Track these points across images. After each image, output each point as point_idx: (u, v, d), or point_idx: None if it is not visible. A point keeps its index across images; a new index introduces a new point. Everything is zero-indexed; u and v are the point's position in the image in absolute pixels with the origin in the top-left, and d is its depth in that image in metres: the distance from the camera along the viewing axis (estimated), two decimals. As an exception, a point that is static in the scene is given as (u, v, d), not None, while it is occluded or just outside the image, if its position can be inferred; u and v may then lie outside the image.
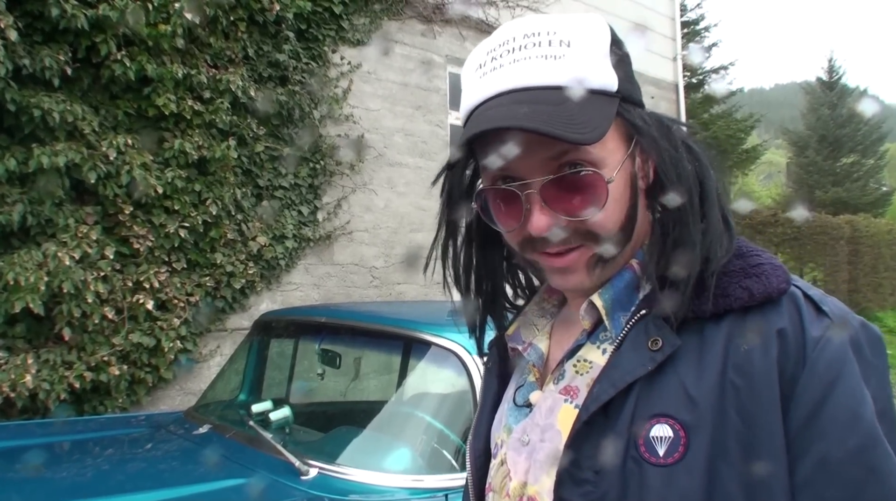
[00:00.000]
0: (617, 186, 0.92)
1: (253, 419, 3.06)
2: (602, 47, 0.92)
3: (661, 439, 0.85)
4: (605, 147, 0.91)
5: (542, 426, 0.99)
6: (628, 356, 0.90)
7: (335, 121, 6.69)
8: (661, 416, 0.86)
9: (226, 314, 5.88)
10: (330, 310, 3.87)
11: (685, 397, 0.85)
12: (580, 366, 0.98)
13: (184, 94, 5.45)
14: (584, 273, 0.96)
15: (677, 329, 0.89)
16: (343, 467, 2.63)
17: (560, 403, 0.98)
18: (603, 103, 0.90)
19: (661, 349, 0.88)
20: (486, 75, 0.94)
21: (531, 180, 0.91)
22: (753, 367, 0.84)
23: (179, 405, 5.23)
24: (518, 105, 0.89)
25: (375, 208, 7.05)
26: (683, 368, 0.87)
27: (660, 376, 0.88)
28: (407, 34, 7.47)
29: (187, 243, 5.48)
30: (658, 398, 0.87)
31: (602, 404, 0.89)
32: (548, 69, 0.90)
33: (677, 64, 10.98)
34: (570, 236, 0.93)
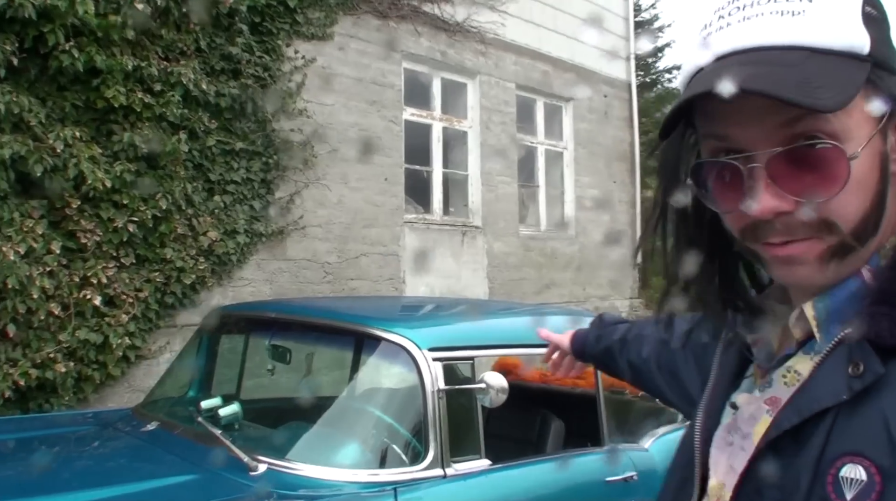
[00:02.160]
0: (861, 166, 0.77)
1: (202, 416, 3.03)
2: (852, 2, 0.78)
3: (852, 481, 0.73)
4: (849, 118, 0.76)
5: (742, 433, 0.88)
6: (823, 380, 0.79)
7: (289, 116, 6.65)
8: (855, 455, 0.73)
9: (176, 309, 5.81)
10: (281, 305, 3.85)
11: (887, 437, 0.72)
12: (789, 377, 0.85)
13: (134, 86, 5.37)
14: (816, 266, 0.80)
15: (891, 357, 0.74)
16: (292, 462, 2.62)
17: (762, 413, 0.86)
18: (850, 67, 0.76)
19: (861, 375, 0.75)
20: (710, 35, 0.82)
21: (756, 153, 0.77)
22: None
23: (128, 402, 5.15)
24: (742, 67, 0.76)
25: (329, 204, 7.02)
26: (889, 403, 0.73)
27: (861, 407, 0.74)
28: (362, 29, 7.44)
29: (136, 237, 5.40)
30: (855, 433, 0.74)
31: (784, 431, 0.79)
32: (783, 26, 0.77)
33: (630, 63, 11.11)
34: (800, 224, 0.78)
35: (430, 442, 2.62)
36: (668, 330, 1.06)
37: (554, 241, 9.72)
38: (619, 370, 1.53)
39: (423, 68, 8.23)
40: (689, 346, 1.20)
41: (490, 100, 8.84)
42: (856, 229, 0.78)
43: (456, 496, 2.61)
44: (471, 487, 2.66)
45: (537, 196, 9.85)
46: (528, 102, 9.60)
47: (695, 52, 0.83)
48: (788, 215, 0.77)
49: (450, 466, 2.64)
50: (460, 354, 2.85)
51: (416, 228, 7.96)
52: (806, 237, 0.78)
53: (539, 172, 9.84)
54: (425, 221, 8.15)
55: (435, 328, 3.18)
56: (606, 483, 3.11)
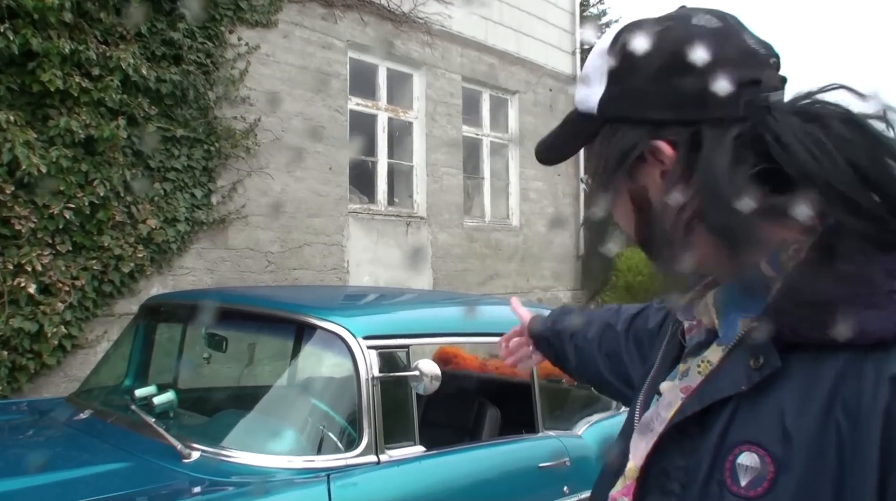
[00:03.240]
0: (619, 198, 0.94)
1: (136, 404, 3.02)
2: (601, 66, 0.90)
3: (747, 469, 0.78)
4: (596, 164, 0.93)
5: (661, 419, 0.93)
6: (727, 371, 0.84)
7: (231, 103, 6.58)
8: (751, 443, 0.79)
9: (114, 298, 5.73)
10: (218, 294, 3.83)
11: (781, 428, 0.77)
12: (703, 367, 0.91)
13: (71, 70, 5.26)
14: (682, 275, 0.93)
15: (789, 351, 0.79)
16: (226, 449, 2.63)
17: (678, 400, 0.91)
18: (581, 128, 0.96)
19: (760, 369, 0.80)
20: None
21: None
22: (860, 413, 0.73)
23: (64, 392, 5.06)
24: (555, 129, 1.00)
25: (272, 192, 6.98)
26: (787, 395, 0.78)
27: (760, 399, 0.80)
28: (307, 17, 7.40)
29: (73, 224, 5.31)
30: (752, 423, 0.80)
31: (687, 417, 0.85)
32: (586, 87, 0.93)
33: (575, 58, 11.22)
34: None
35: (365, 429, 2.65)
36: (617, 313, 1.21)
37: (498, 232, 9.80)
38: (566, 356, 1.53)
39: (369, 58, 8.22)
40: (633, 330, 1.33)
41: (436, 91, 8.86)
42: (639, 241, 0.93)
43: (389, 481, 2.65)
44: (404, 473, 2.70)
45: (482, 188, 9.92)
46: (473, 95, 9.65)
47: None
48: None
49: (384, 452, 2.67)
50: (395, 342, 2.88)
51: (361, 218, 7.96)
52: None
53: (484, 164, 9.90)
54: (370, 211, 8.15)
55: (370, 316, 3.20)
56: (540, 468, 3.18)
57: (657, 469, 0.88)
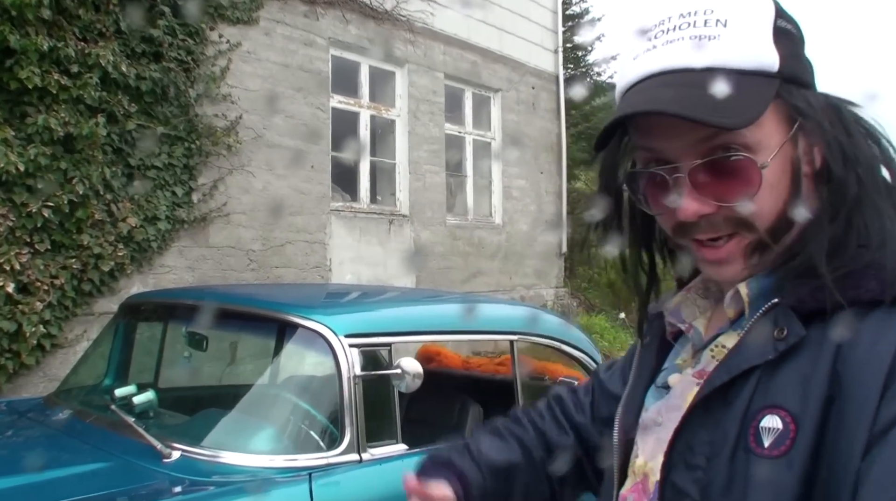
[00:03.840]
0: (773, 173, 0.87)
1: (116, 404, 2.99)
2: (763, 23, 0.88)
3: (770, 430, 0.82)
4: (761, 130, 0.86)
5: (675, 408, 0.95)
6: (751, 343, 0.87)
7: (212, 100, 6.54)
8: (774, 407, 0.83)
9: (93, 297, 5.68)
10: (199, 292, 3.81)
11: (800, 389, 0.82)
12: (716, 351, 0.95)
13: (49, 67, 5.22)
14: (741, 264, 0.91)
15: (808, 321, 0.84)
16: (207, 449, 2.60)
17: (692, 386, 0.94)
18: (759, 85, 0.86)
19: (784, 338, 0.84)
20: (638, 57, 0.92)
21: (680, 164, 0.88)
22: (857, 365, 0.79)
23: (43, 391, 5.02)
24: (664, 88, 0.87)
25: (253, 190, 6.94)
26: (805, 360, 0.83)
27: (783, 366, 0.84)
28: (289, 14, 7.36)
29: (52, 223, 5.26)
30: (775, 388, 0.84)
31: (716, 388, 0.87)
32: (699, 50, 0.86)
33: (558, 56, 11.24)
34: (721, 223, 0.89)
35: (347, 428, 2.63)
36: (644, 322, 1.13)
37: (481, 230, 9.80)
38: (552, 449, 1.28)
39: (351, 56, 8.19)
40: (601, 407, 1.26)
41: (418, 89, 8.85)
42: (771, 228, 0.88)
43: (371, 480, 2.64)
44: (387, 471, 2.69)
45: (465, 186, 9.92)
46: (456, 93, 9.64)
47: (625, 69, 0.94)
48: (710, 216, 0.89)
49: (366, 451, 2.66)
50: (377, 340, 2.86)
51: (343, 216, 7.93)
52: (728, 234, 0.90)
53: (467, 162, 9.90)
54: (352, 209, 8.13)
55: (352, 314, 3.19)
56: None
57: (682, 445, 0.89)
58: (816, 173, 0.90)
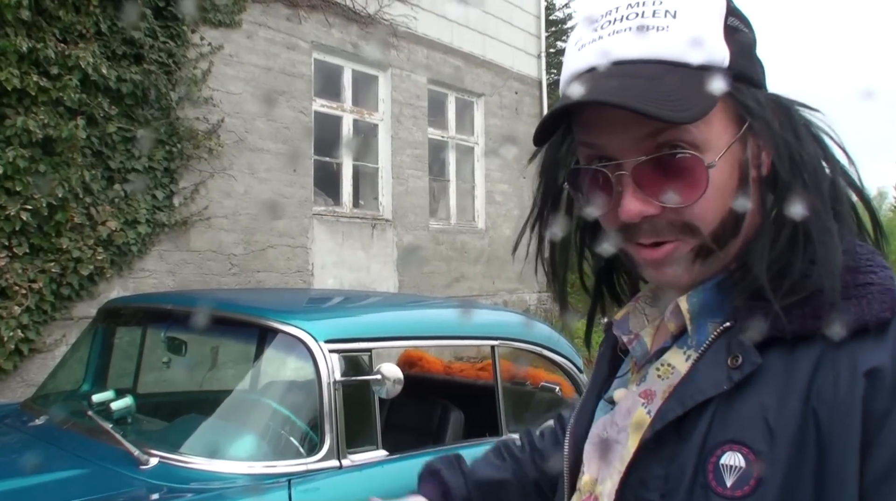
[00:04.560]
0: (720, 174, 0.82)
1: (93, 410, 2.96)
2: (714, 17, 0.83)
3: (732, 468, 0.77)
4: (709, 129, 0.82)
5: (619, 427, 0.92)
6: (704, 372, 0.82)
7: (194, 103, 6.51)
8: (734, 442, 0.78)
9: (73, 301, 5.63)
10: (178, 297, 3.78)
11: (763, 424, 0.77)
12: (662, 370, 0.91)
13: (28, 68, 5.18)
14: (682, 267, 0.86)
15: (765, 347, 0.79)
16: (185, 455, 2.58)
17: (637, 406, 0.91)
18: (709, 80, 0.80)
19: (739, 366, 0.79)
20: (584, 47, 0.86)
21: (624, 161, 0.83)
22: (837, 400, 0.74)
23: (20, 397, 4.96)
24: (609, 79, 0.81)
25: (235, 194, 6.91)
26: (766, 391, 0.78)
27: (739, 397, 0.79)
28: (271, 17, 7.34)
29: (30, 226, 5.21)
30: (734, 422, 0.79)
31: (668, 422, 0.82)
32: (647, 41, 0.82)
33: (541, 61, 11.27)
34: (665, 226, 0.84)
35: (326, 434, 2.62)
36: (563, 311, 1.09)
37: (464, 235, 9.81)
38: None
39: (334, 59, 8.18)
40: None
41: (401, 93, 8.84)
42: (715, 232, 0.84)
43: (351, 486, 2.62)
44: (367, 477, 2.68)
45: (448, 190, 9.91)
46: (439, 97, 9.65)
47: (570, 60, 0.89)
48: (654, 217, 0.83)
49: (346, 457, 2.65)
50: (358, 345, 2.85)
51: (326, 220, 7.91)
52: (671, 239, 0.84)
53: (450, 166, 9.90)
54: (335, 213, 8.11)
55: (332, 319, 3.17)
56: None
57: (634, 479, 0.85)
58: (764, 180, 0.86)
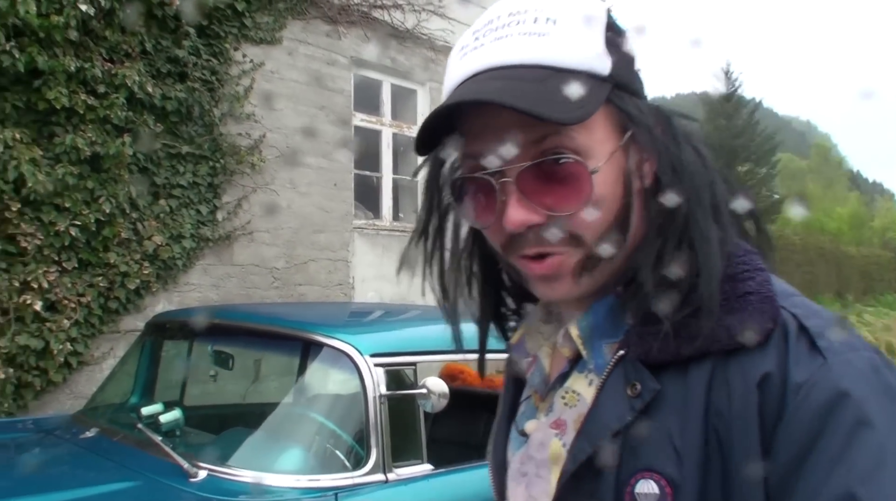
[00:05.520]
0: (604, 181, 0.81)
1: (142, 422, 3.01)
2: (595, 27, 0.83)
3: (647, 496, 0.77)
4: (591, 135, 0.81)
5: (536, 461, 0.92)
6: (606, 405, 0.82)
7: (236, 119, 6.60)
8: (646, 470, 0.78)
9: (120, 315, 5.73)
10: (225, 311, 3.83)
11: (671, 449, 0.77)
12: (568, 398, 0.90)
13: (77, 87, 5.29)
14: (571, 281, 0.85)
15: (660, 371, 0.80)
16: (233, 468, 2.62)
17: (551, 437, 0.90)
18: (590, 85, 0.80)
19: (639, 395, 0.79)
20: (466, 55, 0.86)
21: (507, 168, 0.81)
22: (733, 415, 0.75)
23: (70, 409, 5.06)
24: (492, 80, 0.80)
25: (277, 209, 6.98)
26: (668, 416, 0.78)
27: (644, 424, 0.79)
28: (311, 34, 7.42)
29: (79, 241, 5.31)
30: (643, 450, 0.79)
31: (581, 462, 0.82)
32: (529, 46, 0.81)
33: (579, 72, 11.25)
34: (550, 236, 0.82)
35: (372, 447, 2.64)
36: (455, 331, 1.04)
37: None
38: None
39: (373, 74, 8.24)
40: None
41: (440, 106, 8.86)
42: (603, 241, 0.82)
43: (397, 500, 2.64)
44: (412, 492, 2.69)
45: (487, 202, 9.90)
46: (477, 109, 9.65)
47: (452, 68, 0.88)
48: (540, 226, 0.81)
49: (391, 471, 2.66)
50: (403, 359, 2.87)
51: (366, 233, 7.96)
52: (557, 251, 0.83)
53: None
54: (375, 226, 8.15)
55: (377, 333, 3.19)
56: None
57: None
58: (647, 191, 0.85)
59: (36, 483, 2.84)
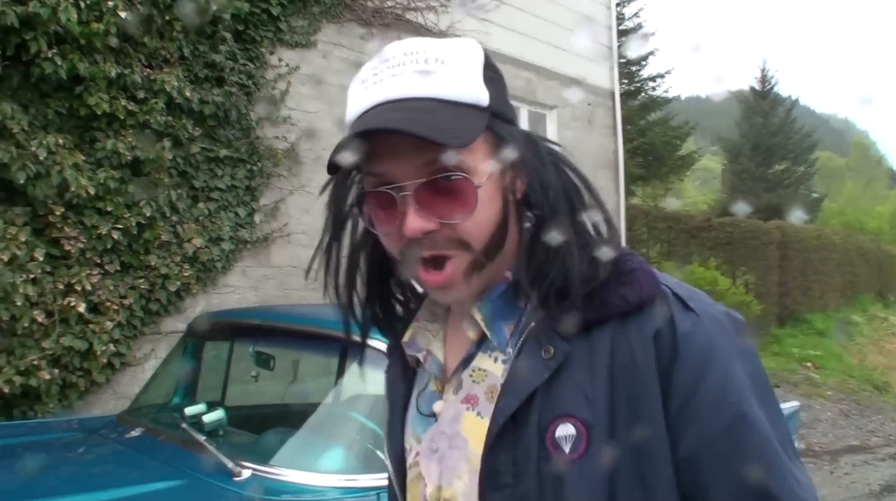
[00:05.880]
0: (486, 194, 0.98)
1: (186, 422, 3.05)
2: (475, 66, 1.01)
3: (567, 437, 0.95)
4: (475, 156, 0.98)
5: (448, 435, 1.06)
6: (525, 367, 0.98)
7: (273, 123, 6.67)
8: (563, 416, 0.95)
9: (161, 316, 5.81)
10: (265, 312, 3.87)
11: (583, 397, 0.95)
12: (476, 375, 1.06)
13: (117, 93, 5.37)
14: (462, 285, 1.01)
15: (568, 338, 0.97)
16: (276, 467, 2.64)
17: (462, 412, 1.05)
18: (473, 114, 0.98)
19: (553, 357, 0.96)
20: (367, 89, 1.00)
21: (406, 183, 0.96)
22: (636, 365, 0.94)
23: (113, 409, 5.14)
24: (392, 112, 0.96)
25: (314, 211, 7.02)
26: (577, 372, 0.96)
27: (557, 381, 0.96)
28: (345, 37, 7.47)
29: (120, 244, 5.40)
30: (559, 401, 0.96)
31: (508, 415, 0.96)
32: (420, 82, 0.98)
33: (614, 72, 11.19)
34: (443, 240, 0.98)
35: (413, 447, 2.65)
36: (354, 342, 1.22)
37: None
38: None
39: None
40: None
41: (474, 107, 8.86)
42: (485, 247, 1.00)
43: None
44: (453, 491, 2.69)
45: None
46: (511, 110, 9.64)
47: (353, 100, 1.02)
48: (433, 233, 0.97)
49: (432, 470, 2.66)
50: (442, 359, 2.87)
51: (401, 234, 7.98)
52: (448, 254, 0.99)
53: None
54: (410, 227, 8.18)
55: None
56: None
57: (488, 470, 0.98)
58: (519, 202, 1.03)
59: (84, 481, 2.89)
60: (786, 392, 11.33)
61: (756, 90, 33.35)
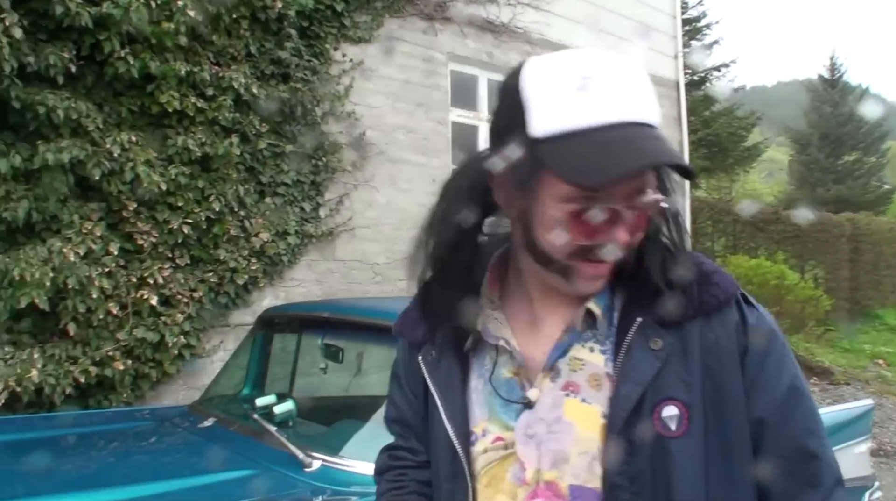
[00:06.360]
0: None
1: (257, 413, 3.09)
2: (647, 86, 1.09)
3: (672, 417, 1.09)
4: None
5: (548, 421, 1.13)
6: (640, 358, 1.10)
7: (337, 118, 6.72)
8: (667, 399, 1.09)
9: (229, 309, 5.92)
10: (332, 305, 3.91)
11: (681, 382, 1.09)
12: (574, 364, 1.15)
13: (187, 91, 5.48)
14: (605, 280, 1.13)
15: (667, 328, 1.11)
16: (346, 459, 2.67)
17: (562, 399, 1.14)
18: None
19: (662, 348, 1.10)
20: (594, 99, 1.02)
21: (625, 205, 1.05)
22: (721, 353, 1.11)
23: (183, 399, 5.26)
24: (655, 141, 1.03)
25: (377, 205, 7.08)
26: (675, 361, 1.10)
27: (661, 369, 1.09)
28: (408, 31, 7.49)
29: (190, 239, 5.51)
30: (662, 386, 1.09)
31: (634, 404, 1.08)
32: (655, 106, 1.06)
33: (678, 62, 10.99)
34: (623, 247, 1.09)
35: (480, 440, 2.64)
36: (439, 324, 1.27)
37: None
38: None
39: (470, 69, 8.25)
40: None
41: (536, 100, 8.79)
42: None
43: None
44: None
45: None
46: (574, 102, 9.54)
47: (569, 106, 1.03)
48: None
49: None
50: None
51: (463, 228, 7.97)
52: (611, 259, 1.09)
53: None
54: (472, 221, 8.16)
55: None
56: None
57: (612, 454, 1.08)
58: None
59: (157, 469, 2.96)
60: (856, 390, 11.00)
61: (825, 78, 32.47)
